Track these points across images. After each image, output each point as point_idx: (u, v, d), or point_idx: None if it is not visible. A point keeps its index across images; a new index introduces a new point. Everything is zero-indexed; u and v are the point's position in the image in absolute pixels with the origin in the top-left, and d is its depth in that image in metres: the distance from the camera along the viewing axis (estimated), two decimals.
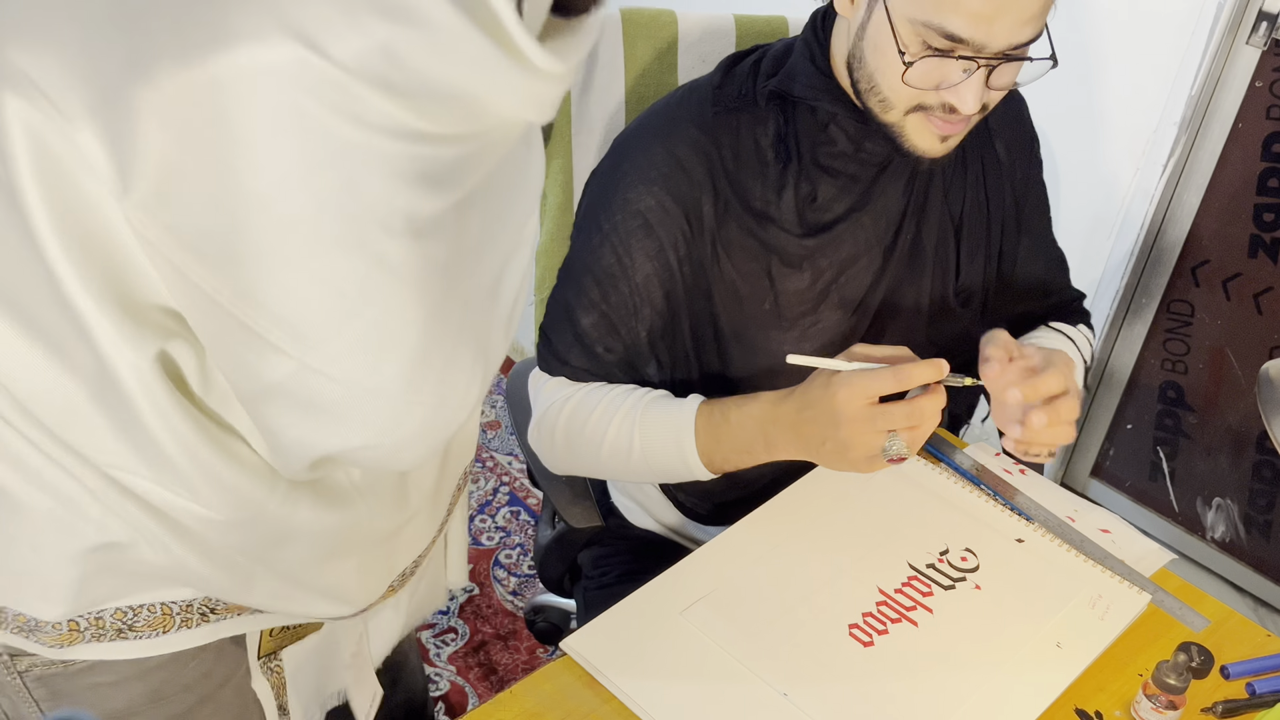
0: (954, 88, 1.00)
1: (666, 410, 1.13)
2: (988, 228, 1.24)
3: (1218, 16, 1.76)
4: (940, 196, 1.20)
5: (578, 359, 1.17)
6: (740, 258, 1.14)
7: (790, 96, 1.12)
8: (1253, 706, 0.99)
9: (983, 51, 0.97)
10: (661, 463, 1.13)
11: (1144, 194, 1.95)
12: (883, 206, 1.16)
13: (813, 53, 1.11)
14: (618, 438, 1.13)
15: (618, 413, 1.14)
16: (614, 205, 1.12)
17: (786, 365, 1.14)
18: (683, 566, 1.06)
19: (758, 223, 1.13)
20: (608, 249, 1.13)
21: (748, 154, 1.13)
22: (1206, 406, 2.09)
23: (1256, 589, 2.14)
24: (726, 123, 1.13)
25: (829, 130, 1.12)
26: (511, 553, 2.12)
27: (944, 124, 1.05)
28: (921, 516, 1.14)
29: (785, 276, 1.15)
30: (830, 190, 1.14)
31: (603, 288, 1.14)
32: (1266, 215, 1.89)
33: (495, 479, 2.27)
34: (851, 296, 1.18)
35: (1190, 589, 1.12)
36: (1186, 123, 1.87)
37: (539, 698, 0.95)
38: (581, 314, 1.15)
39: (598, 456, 1.16)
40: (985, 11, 0.95)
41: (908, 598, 1.04)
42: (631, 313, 1.14)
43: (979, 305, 1.27)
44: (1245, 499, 2.10)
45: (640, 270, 1.13)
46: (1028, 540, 1.13)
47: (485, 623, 1.97)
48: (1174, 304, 2.05)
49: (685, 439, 1.11)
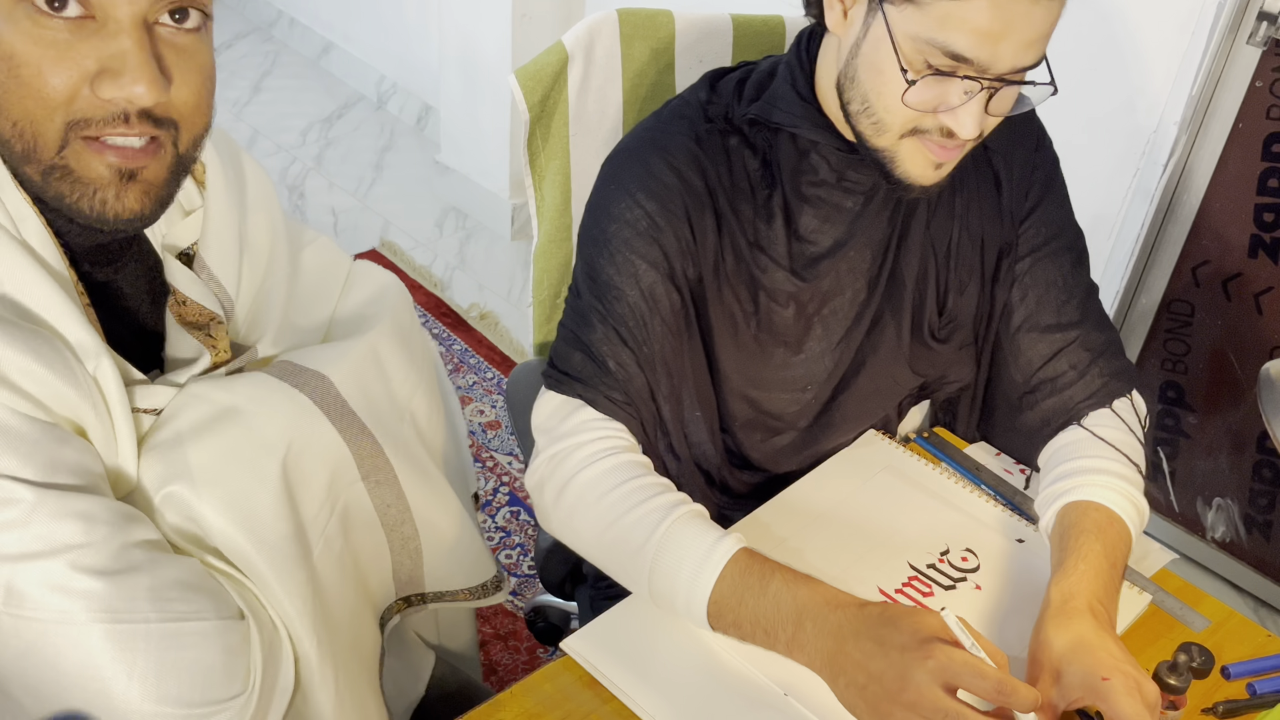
0: (953, 111, 0.97)
1: (701, 532, 0.98)
2: (981, 254, 1.18)
3: (1218, 16, 1.76)
4: (922, 225, 1.15)
5: (592, 377, 1.07)
6: (734, 280, 1.11)
7: (769, 123, 1.09)
8: (1253, 707, 0.99)
9: (986, 72, 0.95)
10: (664, 584, 0.98)
11: (1144, 194, 1.95)
12: (868, 238, 1.13)
13: (794, 77, 1.08)
14: (636, 525, 1.00)
15: (648, 502, 1.00)
16: (614, 215, 1.09)
17: (770, 383, 1.13)
18: None
19: (749, 249, 1.10)
20: (605, 260, 1.08)
21: (739, 177, 1.10)
22: (1206, 406, 2.08)
23: (1257, 589, 2.14)
24: (717, 143, 1.10)
25: (810, 158, 1.09)
26: (511, 553, 2.12)
27: (939, 149, 1.01)
28: (922, 516, 1.14)
29: (771, 307, 1.12)
30: (813, 222, 1.11)
31: (606, 302, 1.08)
32: (1266, 215, 1.89)
33: (495, 479, 2.27)
34: (836, 329, 1.15)
35: (1190, 589, 1.12)
36: (1186, 123, 1.87)
37: (539, 698, 0.95)
38: (588, 330, 1.08)
39: (600, 535, 1.03)
40: (993, 29, 0.92)
41: (908, 598, 1.04)
42: (640, 324, 1.08)
43: (967, 339, 1.21)
44: (1245, 499, 2.10)
45: (645, 279, 1.07)
46: (1028, 540, 1.12)
47: (485, 623, 1.97)
48: (1174, 304, 2.05)
49: (705, 574, 0.95)
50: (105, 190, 0.73)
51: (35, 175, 0.73)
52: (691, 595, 0.96)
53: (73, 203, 0.74)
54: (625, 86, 1.34)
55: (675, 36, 1.35)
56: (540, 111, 1.31)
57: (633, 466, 1.04)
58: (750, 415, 1.17)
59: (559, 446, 1.06)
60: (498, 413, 2.44)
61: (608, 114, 1.34)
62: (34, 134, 0.71)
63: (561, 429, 1.07)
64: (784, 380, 1.15)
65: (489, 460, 2.32)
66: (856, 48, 1.00)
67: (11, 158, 0.74)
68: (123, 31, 0.70)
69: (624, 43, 1.32)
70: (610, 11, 1.31)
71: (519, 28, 2.74)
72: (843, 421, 1.20)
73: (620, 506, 1.01)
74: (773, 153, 1.10)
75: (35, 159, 0.73)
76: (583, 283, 1.10)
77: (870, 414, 1.22)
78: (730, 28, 1.37)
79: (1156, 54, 1.84)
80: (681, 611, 0.97)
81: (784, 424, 1.18)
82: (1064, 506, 1.07)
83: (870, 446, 1.22)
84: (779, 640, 0.94)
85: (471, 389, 2.49)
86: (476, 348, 2.61)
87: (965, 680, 0.84)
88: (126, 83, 0.70)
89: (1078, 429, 1.15)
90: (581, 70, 1.31)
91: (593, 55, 1.31)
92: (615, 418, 1.07)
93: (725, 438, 1.18)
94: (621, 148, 1.13)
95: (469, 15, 2.84)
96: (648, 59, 1.34)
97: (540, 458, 1.08)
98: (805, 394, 1.17)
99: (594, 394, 1.07)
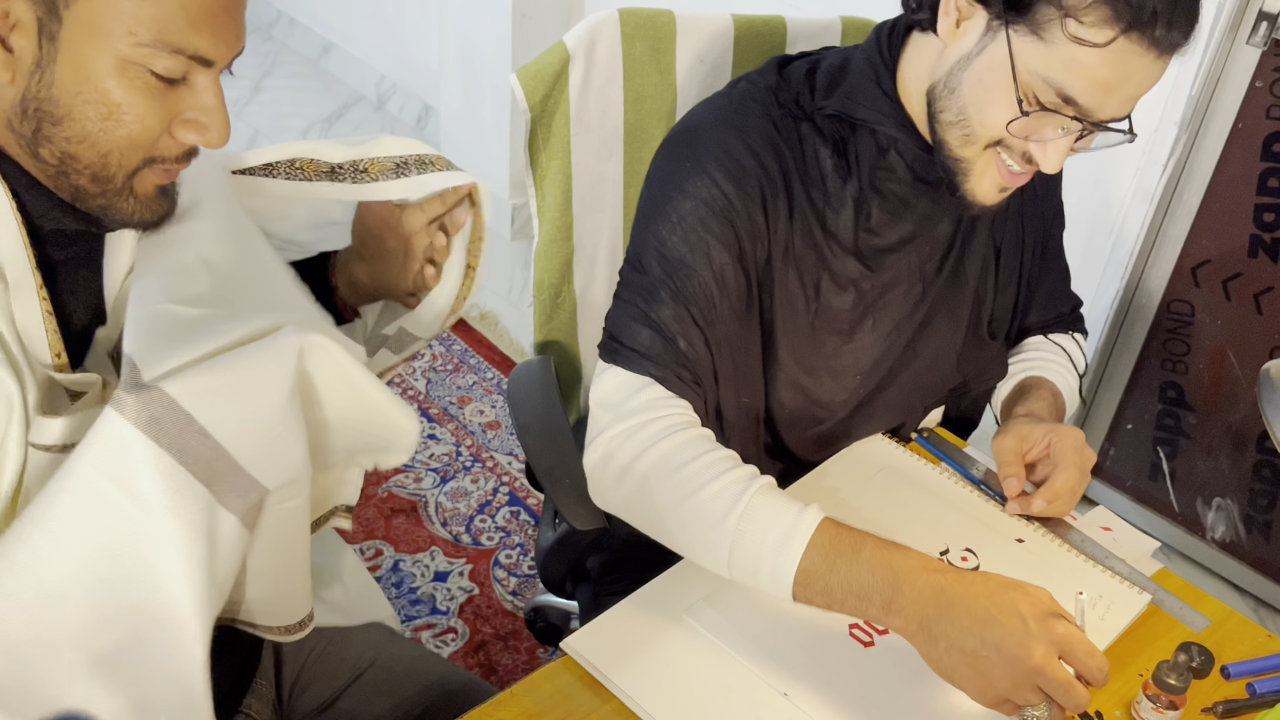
0: (1043, 144, 1.00)
1: (785, 503, 0.98)
2: (1021, 257, 1.26)
3: (1217, 16, 1.76)
4: (987, 227, 1.21)
5: (656, 348, 1.06)
6: (800, 264, 1.12)
7: (852, 118, 1.10)
8: (1253, 706, 0.99)
9: (1088, 117, 0.97)
10: (748, 554, 0.96)
11: (1144, 194, 1.95)
12: (933, 236, 1.16)
13: (878, 74, 1.09)
14: (716, 497, 0.98)
15: (727, 474, 1.00)
16: (687, 192, 1.07)
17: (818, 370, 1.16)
18: (684, 566, 1.06)
19: (821, 234, 1.12)
20: (678, 238, 1.07)
21: (811, 164, 1.11)
22: (1206, 406, 2.08)
23: (1257, 589, 2.14)
24: (791, 128, 1.11)
25: (888, 156, 1.10)
26: (511, 553, 2.12)
27: (1010, 175, 1.04)
28: (922, 516, 1.14)
29: (831, 293, 1.14)
30: (884, 216, 1.13)
31: (678, 279, 1.06)
32: (1266, 215, 1.89)
33: (495, 479, 2.27)
34: (887, 320, 1.17)
35: (1190, 589, 1.12)
36: (1186, 123, 1.87)
37: (539, 698, 0.95)
38: (659, 306, 1.06)
39: (676, 507, 1.01)
40: (1110, 81, 0.95)
41: None
42: (710, 304, 1.07)
43: (1004, 334, 1.28)
44: (1245, 499, 2.10)
45: (716, 259, 1.07)
46: (1028, 540, 1.13)
47: (485, 623, 1.97)
48: (1174, 304, 2.05)
49: (794, 543, 0.94)
50: (153, 203, 0.84)
51: (94, 190, 0.80)
52: (779, 564, 0.94)
53: (120, 213, 0.82)
54: (626, 86, 1.34)
55: (676, 36, 1.35)
56: (541, 111, 1.31)
57: (706, 441, 1.04)
58: (798, 404, 1.17)
59: (627, 424, 1.05)
60: (498, 413, 2.44)
61: (609, 114, 1.34)
62: (118, 165, 0.80)
63: (629, 405, 1.06)
64: (834, 368, 1.17)
65: (489, 460, 2.32)
66: (966, 62, 1.01)
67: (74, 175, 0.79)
68: (208, 90, 0.80)
69: (625, 42, 1.32)
70: (611, 11, 1.31)
71: (519, 28, 2.74)
72: (884, 413, 1.23)
73: (699, 479, 1.00)
74: (850, 146, 1.11)
75: (108, 181, 0.80)
76: (651, 257, 1.08)
77: (909, 408, 1.25)
78: (731, 28, 1.37)
79: None
80: (765, 581, 0.96)
81: (827, 413, 1.20)
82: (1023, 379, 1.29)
83: (870, 446, 1.22)
84: (874, 604, 0.91)
85: (471, 389, 2.49)
86: (476, 348, 2.61)
87: (1079, 657, 0.85)
88: (212, 136, 0.81)
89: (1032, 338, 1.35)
90: (583, 70, 1.31)
91: (594, 55, 1.31)
92: (683, 396, 1.06)
93: (767, 427, 1.20)
94: (693, 125, 1.13)
95: (469, 15, 2.84)
96: (649, 59, 1.34)
97: (605, 434, 1.06)
98: (853, 381, 1.19)
99: (665, 372, 1.06)
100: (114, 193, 0.81)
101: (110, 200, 0.81)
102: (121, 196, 0.81)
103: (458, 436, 2.37)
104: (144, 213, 0.83)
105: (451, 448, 2.34)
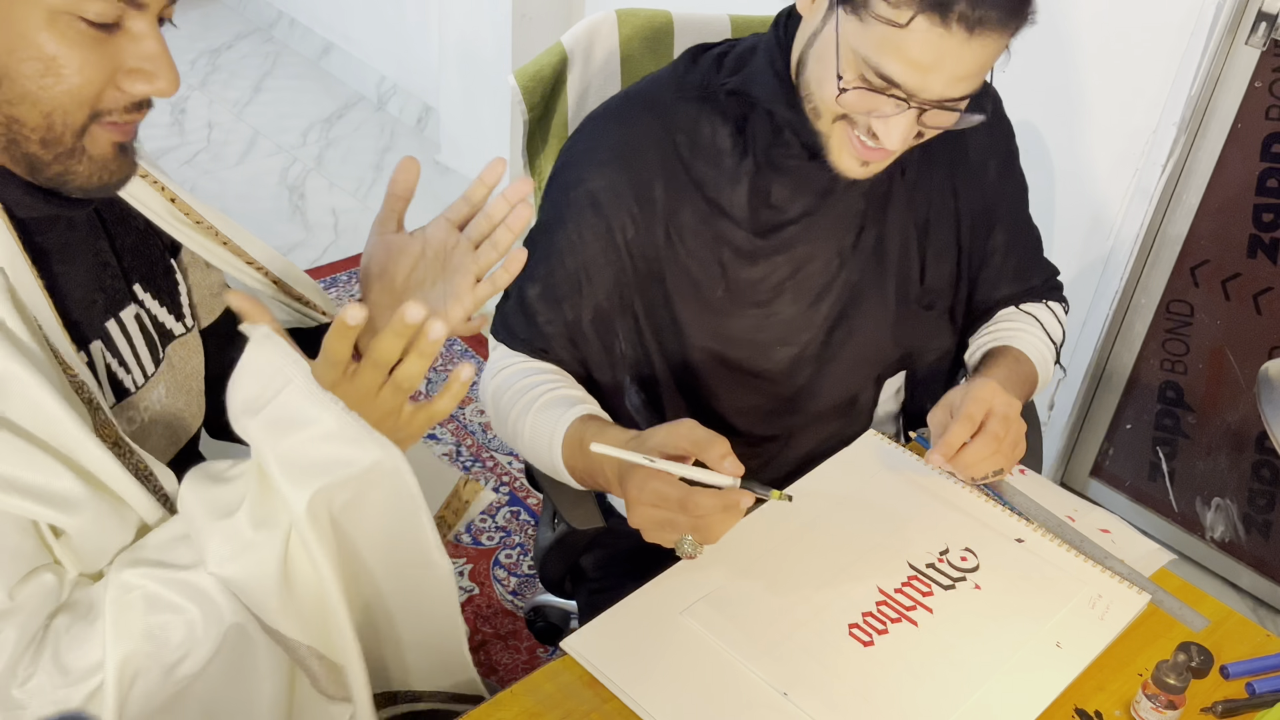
0: (884, 119, 1.02)
1: (551, 413, 1.13)
2: (956, 230, 1.26)
3: (1217, 17, 1.77)
4: (904, 200, 1.21)
5: (521, 328, 1.19)
6: (694, 243, 1.16)
7: (748, 97, 1.13)
8: (1252, 706, 0.99)
9: (914, 98, 0.99)
10: (547, 462, 1.14)
11: (1144, 194, 1.95)
12: (841, 209, 1.18)
13: (773, 56, 1.13)
14: (517, 421, 1.16)
15: (520, 401, 1.16)
16: (567, 183, 1.16)
17: (741, 344, 1.19)
18: (683, 566, 1.06)
19: (711, 211, 1.15)
20: (557, 226, 1.15)
21: (705, 143, 1.15)
22: (1206, 406, 2.09)
23: (1256, 589, 2.14)
24: (685, 110, 1.15)
25: (784, 135, 1.13)
26: (511, 553, 2.12)
27: (864, 149, 1.06)
28: (921, 516, 1.14)
29: (738, 266, 1.17)
30: (783, 192, 1.16)
31: (550, 263, 1.16)
32: (1266, 215, 1.89)
33: (495, 479, 2.27)
34: (808, 293, 1.20)
35: (1190, 589, 1.12)
36: (1186, 123, 1.87)
37: (539, 698, 0.95)
38: (529, 285, 1.17)
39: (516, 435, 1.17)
40: (923, 62, 0.97)
41: (907, 597, 1.05)
42: (575, 290, 1.16)
43: (946, 306, 1.29)
44: (1245, 499, 2.10)
45: (588, 249, 1.15)
46: (1028, 540, 1.13)
47: (485, 623, 1.97)
48: (1173, 304, 2.05)
49: (555, 448, 1.11)
50: (111, 163, 0.81)
51: (47, 156, 0.79)
52: (558, 472, 1.13)
53: (77, 177, 0.80)
54: (624, 86, 1.34)
55: (674, 36, 1.35)
56: (540, 112, 1.31)
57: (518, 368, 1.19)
58: (722, 374, 1.22)
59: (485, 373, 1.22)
60: None
61: None
62: (63, 124, 0.77)
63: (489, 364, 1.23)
64: (759, 341, 1.21)
65: (489, 460, 2.32)
66: (813, 38, 1.06)
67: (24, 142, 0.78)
68: (148, 36, 0.77)
69: (623, 43, 1.32)
70: (609, 11, 1.31)
71: (519, 28, 2.75)
72: (831, 386, 1.26)
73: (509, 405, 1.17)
74: (748, 124, 1.14)
75: (56, 143, 0.78)
76: (533, 239, 1.18)
77: (857, 381, 1.28)
78: (729, 28, 1.38)
79: (1155, 54, 1.84)
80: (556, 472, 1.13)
81: (768, 384, 1.23)
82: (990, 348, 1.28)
83: (870, 446, 1.23)
84: (613, 486, 1.05)
85: (471, 389, 2.50)
86: (476, 347, 2.61)
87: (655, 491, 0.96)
88: (160, 83, 0.79)
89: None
90: (581, 70, 1.31)
91: (592, 55, 1.31)
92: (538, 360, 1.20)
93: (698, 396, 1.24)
94: (586, 118, 1.20)
95: (469, 15, 2.84)
96: (647, 59, 1.34)
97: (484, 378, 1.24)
98: (784, 353, 1.22)
99: (520, 348, 1.20)
100: (65, 155, 0.79)
101: (65, 165, 0.79)
102: (74, 158, 0.79)
103: (458, 436, 2.37)
104: (103, 174, 0.81)
105: (451, 447, 2.34)
